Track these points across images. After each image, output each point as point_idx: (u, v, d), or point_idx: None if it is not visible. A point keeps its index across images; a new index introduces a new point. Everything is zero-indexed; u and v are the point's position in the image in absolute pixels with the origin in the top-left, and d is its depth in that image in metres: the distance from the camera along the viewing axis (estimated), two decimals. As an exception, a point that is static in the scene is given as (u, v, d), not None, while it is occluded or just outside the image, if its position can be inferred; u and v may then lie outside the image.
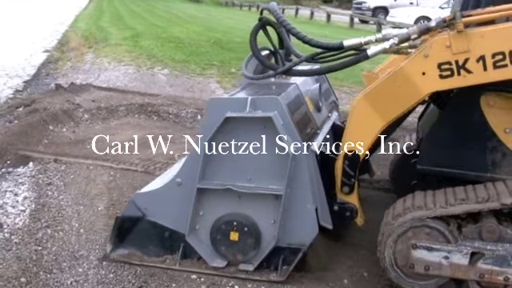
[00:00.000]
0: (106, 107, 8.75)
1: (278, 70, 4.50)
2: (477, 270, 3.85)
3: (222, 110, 4.03)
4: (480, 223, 3.85)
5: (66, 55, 15.23)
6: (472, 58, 3.75)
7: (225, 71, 12.71)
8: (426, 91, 3.88)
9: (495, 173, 4.15)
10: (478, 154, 4.19)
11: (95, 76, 11.82)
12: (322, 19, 33.30)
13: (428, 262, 3.92)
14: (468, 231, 3.88)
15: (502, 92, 4.06)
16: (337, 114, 5.73)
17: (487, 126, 4.14)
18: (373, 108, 3.99)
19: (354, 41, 4.26)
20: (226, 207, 4.20)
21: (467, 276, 3.89)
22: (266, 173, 4.08)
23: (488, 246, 3.83)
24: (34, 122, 7.62)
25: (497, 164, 4.16)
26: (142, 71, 12.30)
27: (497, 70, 3.74)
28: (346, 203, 4.29)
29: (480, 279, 3.86)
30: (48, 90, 10.48)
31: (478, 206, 3.83)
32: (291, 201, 4.05)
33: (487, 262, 3.83)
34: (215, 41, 16.77)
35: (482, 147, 4.17)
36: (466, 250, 3.83)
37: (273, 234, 4.12)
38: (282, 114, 4.00)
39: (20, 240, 4.75)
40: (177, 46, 15.67)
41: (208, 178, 4.15)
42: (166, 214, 4.33)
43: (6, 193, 5.71)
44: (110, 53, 14.42)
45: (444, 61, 3.77)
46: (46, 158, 6.57)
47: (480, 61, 3.74)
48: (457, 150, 4.21)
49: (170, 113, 8.65)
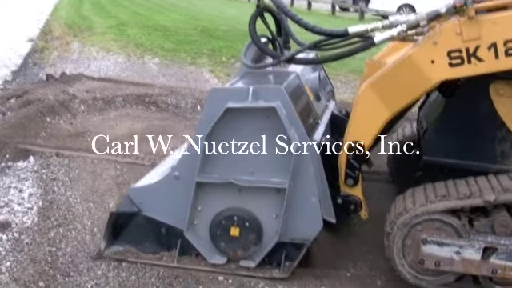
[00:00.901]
0: (102, 98, 8.48)
1: (280, 59, 4.32)
2: (489, 266, 3.72)
3: (222, 100, 3.87)
4: (492, 217, 3.71)
5: (50, 44, 14.86)
6: (483, 45, 3.59)
7: (216, 60, 12.45)
8: (435, 80, 3.73)
9: (503, 164, 4.03)
10: (487, 145, 4.07)
11: (85, 66, 11.52)
12: (303, 7, 33.05)
13: (439, 258, 3.78)
14: (480, 225, 3.74)
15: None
16: (334, 103, 5.60)
17: (496, 115, 4.01)
18: (379, 97, 3.85)
19: (359, 28, 4.11)
20: (226, 202, 4.04)
21: (479, 271, 3.76)
22: (269, 166, 3.92)
23: (501, 240, 3.69)
24: (30, 114, 7.35)
25: (505, 155, 4.03)
26: (132, 60, 12.01)
27: (509, 57, 3.58)
28: (349, 196, 4.15)
29: (492, 275, 3.74)
30: (39, 80, 10.18)
31: (459, 203, 3.71)
32: (295, 194, 3.90)
33: (500, 257, 3.69)
34: (202, 29, 16.45)
35: (490, 137, 4.05)
36: (479, 245, 3.71)
37: (275, 228, 3.97)
38: (285, 104, 3.84)
39: (31, 240, 4.53)
40: (164, 34, 15.35)
41: (207, 171, 3.97)
42: (163, 209, 4.17)
43: (10, 189, 5.47)
44: (97, 42, 14.09)
45: (454, 48, 3.62)
46: (47, 152, 6.32)
47: (491, 48, 3.58)
48: (464, 141, 4.10)
49: (169, 103, 8.41)
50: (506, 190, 3.69)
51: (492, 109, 4.01)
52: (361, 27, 4.10)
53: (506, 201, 3.67)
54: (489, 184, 3.79)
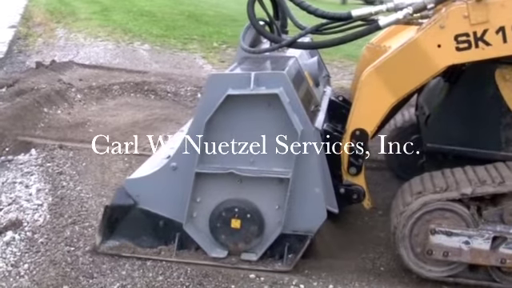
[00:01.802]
0: (98, 86, 8.21)
1: (282, 43, 4.14)
2: (498, 256, 3.63)
3: (222, 87, 3.69)
4: (501, 206, 3.61)
5: (33, 31, 14.44)
6: (491, 29, 3.50)
7: (207, 46, 12.19)
8: (441, 65, 3.62)
9: (509, 150, 3.94)
10: (492, 131, 3.97)
11: (74, 53, 11.18)
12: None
13: (447, 248, 3.67)
14: (489, 214, 3.63)
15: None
16: (330, 88, 5.42)
17: (502, 101, 3.91)
18: (383, 83, 3.74)
19: (363, 10, 3.98)
20: (226, 193, 3.87)
21: (488, 262, 3.66)
22: (271, 154, 3.77)
23: (511, 229, 3.61)
24: (27, 104, 7.05)
25: (511, 141, 3.94)
26: (121, 47, 11.69)
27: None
28: (352, 185, 4.02)
29: (501, 265, 3.65)
30: (28, 68, 9.80)
31: (435, 197, 3.62)
32: (298, 184, 3.75)
33: (509, 246, 3.61)
34: (189, 14, 16.12)
35: (495, 124, 3.95)
36: (488, 235, 3.60)
37: (277, 220, 3.83)
38: (288, 91, 3.67)
39: (46, 239, 4.30)
40: (150, 20, 15.01)
41: (207, 161, 3.80)
42: (160, 202, 3.99)
43: (16, 185, 5.22)
44: (83, 28, 13.72)
45: (461, 32, 3.53)
46: (49, 144, 6.06)
47: (500, 32, 3.49)
48: (469, 127, 4.01)
49: (169, 91, 8.16)
50: (483, 182, 3.61)
51: (498, 94, 3.91)
52: (364, 10, 3.97)
53: (483, 193, 3.60)
54: (465, 176, 3.70)
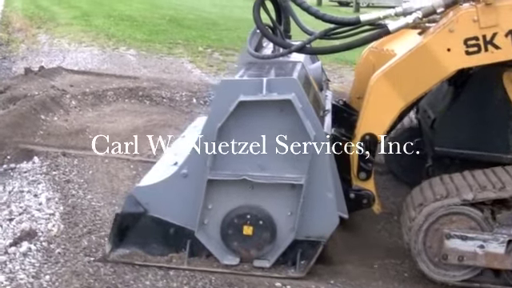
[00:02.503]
0: (92, 92, 8.15)
1: (291, 48, 4.12)
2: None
3: (234, 93, 3.67)
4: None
5: (15, 37, 14.32)
6: (501, 32, 3.51)
7: (193, 50, 12.20)
8: (451, 69, 3.64)
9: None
10: (500, 135, 3.99)
11: (60, 58, 11.10)
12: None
13: (462, 252, 3.66)
14: (503, 218, 3.64)
15: None
16: (330, 92, 5.44)
17: (510, 104, 3.93)
18: (392, 87, 3.75)
19: (371, 15, 3.99)
20: (238, 199, 3.84)
21: (503, 265, 3.67)
22: (283, 161, 3.74)
23: None
24: (24, 111, 6.96)
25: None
26: (108, 52, 11.64)
27: None
28: (362, 190, 4.02)
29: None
30: (17, 74, 9.70)
31: (436, 205, 3.65)
32: (310, 190, 3.73)
33: None
34: (170, 18, 16.13)
35: (503, 127, 3.97)
36: (503, 239, 3.60)
37: (289, 226, 3.81)
38: (300, 96, 3.66)
39: (64, 250, 4.23)
40: (132, 24, 14.98)
41: (218, 168, 3.76)
42: (171, 209, 3.95)
43: (24, 194, 5.13)
44: (65, 33, 13.63)
45: (471, 36, 3.54)
46: (52, 152, 5.97)
47: (509, 35, 3.51)
48: (477, 131, 4.02)
49: (164, 97, 8.12)
50: (484, 187, 3.62)
51: (506, 98, 3.93)
52: (373, 15, 3.98)
53: (484, 199, 3.61)
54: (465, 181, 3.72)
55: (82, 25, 14.72)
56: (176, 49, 12.22)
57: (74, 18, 15.86)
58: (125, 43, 12.50)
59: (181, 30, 14.27)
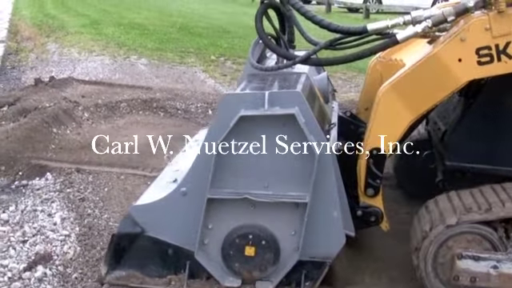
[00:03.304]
0: (105, 104, 7.93)
1: (296, 60, 3.92)
2: None
3: (235, 107, 3.49)
4: None
5: (23, 46, 14.16)
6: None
7: (205, 59, 11.99)
8: (463, 80, 3.46)
9: None
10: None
11: (71, 68, 10.90)
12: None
13: (475, 273, 3.49)
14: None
15: None
16: (337, 103, 5.22)
17: None
18: (401, 99, 3.58)
19: (378, 24, 3.80)
20: (239, 218, 3.66)
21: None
22: (286, 178, 3.57)
23: None
24: (35, 124, 6.77)
25: None
26: (118, 61, 11.44)
27: None
28: (370, 207, 3.84)
29: None
30: (27, 85, 9.52)
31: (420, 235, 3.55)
32: (315, 208, 3.55)
33: None
34: (181, 26, 15.94)
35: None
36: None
37: (293, 246, 3.63)
38: (303, 110, 3.49)
39: (81, 275, 4.04)
40: (142, 32, 14.78)
41: (218, 186, 3.57)
42: (169, 229, 3.76)
43: (37, 213, 4.94)
44: (75, 42, 13.44)
45: (483, 45, 3.36)
46: (65, 168, 5.77)
47: None
48: (490, 144, 3.84)
49: (178, 108, 7.92)
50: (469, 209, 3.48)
51: None
52: (381, 24, 3.79)
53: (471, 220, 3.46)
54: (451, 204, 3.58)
55: (92, 33, 14.52)
56: (188, 57, 12.01)
57: (84, 26, 15.68)
58: (136, 52, 12.30)
59: (192, 38, 14.07)
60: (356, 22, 19.17)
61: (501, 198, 3.53)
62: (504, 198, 3.52)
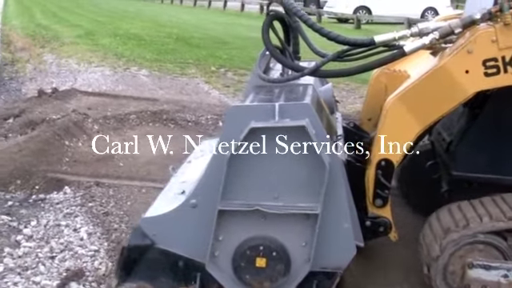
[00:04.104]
0: (114, 116, 7.84)
1: (304, 71, 3.87)
2: None
3: (244, 119, 3.41)
4: None
5: (18, 56, 14.06)
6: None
7: (206, 70, 11.95)
8: (470, 91, 3.44)
9: None
10: None
11: (71, 79, 10.82)
12: (236, 8, 33.81)
13: (485, 282, 3.48)
14: None
15: None
16: (339, 114, 5.14)
17: None
18: (409, 111, 3.57)
19: (386, 36, 3.77)
20: (250, 230, 3.57)
21: None
22: (296, 189, 3.50)
23: None
24: (48, 137, 6.66)
25: None
26: (119, 72, 11.36)
27: None
28: (378, 217, 3.80)
29: None
30: (29, 96, 9.42)
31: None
32: (326, 219, 3.48)
33: None
34: (177, 37, 15.90)
35: None
36: None
37: (304, 257, 3.55)
38: (313, 122, 3.42)
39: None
40: (139, 43, 14.74)
41: (229, 197, 3.49)
42: (179, 241, 3.67)
43: (62, 228, 4.83)
44: (72, 53, 13.36)
45: (489, 57, 3.36)
46: (84, 181, 5.66)
47: None
48: (497, 154, 3.83)
49: (189, 120, 7.83)
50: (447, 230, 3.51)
51: None
52: (388, 35, 3.76)
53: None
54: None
55: (88, 44, 14.45)
56: (188, 69, 11.96)
57: (79, 37, 15.60)
58: (135, 63, 12.23)
59: (190, 49, 14.03)
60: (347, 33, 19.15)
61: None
62: None
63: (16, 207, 5.33)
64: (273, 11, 4.10)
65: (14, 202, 5.41)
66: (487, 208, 3.58)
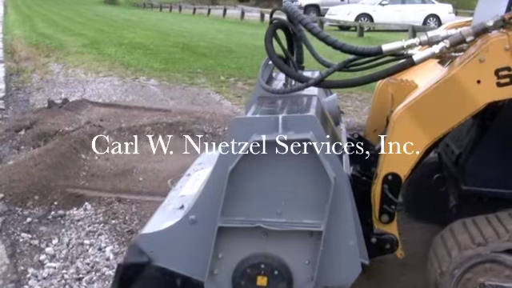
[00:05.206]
0: (129, 128, 7.66)
1: (309, 82, 3.69)
2: None
3: (247, 132, 3.27)
4: None
5: (23, 66, 13.91)
6: None
7: (215, 80, 11.79)
8: (482, 102, 3.28)
9: None
10: None
11: (80, 90, 10.63)
12: (236, 16, 33.81)
13: None
14: None
15: None
16: (343, 125, 4.98)
17: None
18: (417, 123, 3.42)
19: (394, 45, 3.59)
20: (250, 247, 3.41)
21: None
22: (300, 205, 3.34)
23: None
24: (64, 150, 6.49)
25: None
26: (128, 82, 11.19)
27: None
28: (384, 234, 3.63)
29: None
30: (40, 107, 9.26)
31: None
32: (330, 237, 3.33)
33: None
34: (183, 46, 15.76)
35: None
36: None
37: (307, 276, 3.38)
38: (318, 135, 3.28)
39: (149, 315, 3.69)
40: (145, 52, 14.58)
41: (229, 213, 3.33)
42: (177, 258, 3.51)
43: (86, 247, 4.66)
44: (78, 62, 13.19)
45: (502, 66, 3.21)
46: (105, 197, 5.48)
47: None
48: (508, 167, 3.68)
49: (206, 132, 7.65)
50: None
51: None
52: (396, 44, 3.59)
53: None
54: None
55: (94, 53, 14.29)
56: (197, 78, 11.80)
57: (84, 46, 15.44)
58: (143, 73, 12.07)
59: (197, 58, 13.87)
60: (350, 41, 19.05)
61: None
62: None
63: (35, 224, 5.17)
64: (276, 19, 3.95)
65: (32, 219, 5.24)
66: (505, 224, 3.42)
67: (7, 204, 5.43)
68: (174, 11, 41.82)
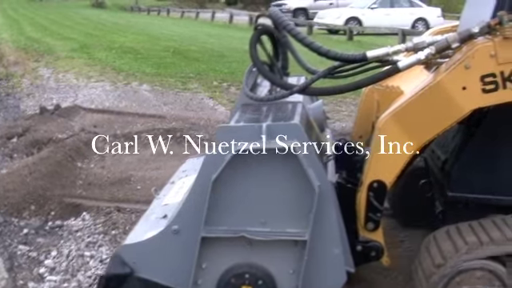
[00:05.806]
0: (124, 135, 7.55)
1: (293, 89, 3.65)
2: None
3: (231, 140, 3.22)
4: None
5: (12, 71, 13.72)
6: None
7: (208, 85, 11.71)
8: (467, 108, 3.29)
9: None
10: None
11: (72, 95, 10.50)
12: (224, 20, 33.76)
13: None
14: None
15: None
16: (329, 131, 4.93)
17: None
18: (403, 130, 3.39)
19: (379, 51, 3.58)
20: (235, 257, 3.38)
21: None
22: (284, 214, 3.32)
23: None
24: (59, 158, 6.36)
25: None
26: (120, 88, 11.08)
27: None
28: (370, 241, 3.60)
29: None
30: (31, 113, 9.11)
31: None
32: (315, 246, 3.30)
33: None
34: (174, 50, 15.64)
35: None
36: None
37: (292, 285, 3.36)
38: (302, 143, 3.25)
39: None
40: (136, 57, 14.45)
41: (213, 223, 3.30)
42: (160, 269, 3.47)
43: (86, 259, 4.55)
44: (68, 67, 13.05)
45: (488, 72, 3.21)
46: (103, 207, 5.35)
47: None
48: (494, 173, 3.67)
49: (203, 138, 7.53)
50: None
51: None
52: (381, 51, 3.58)
53: None
54: None
55: (84, 58, 14.16)
56: (190, 83, 11.70)
57: (73, 50, 15.30)
58: (135, 78, 11.95)
59: (189, 63, 13.76)
60: (339, 45, 19.11)
61: None
62: None
63: (32, 235, 5.04)
64: (261, 25, 3.91)
65: (29, 230, 5.12)
66: (488, 232, 3.39)
67: (2, 215, 5.29)
68: (162, 14, 41.75)
